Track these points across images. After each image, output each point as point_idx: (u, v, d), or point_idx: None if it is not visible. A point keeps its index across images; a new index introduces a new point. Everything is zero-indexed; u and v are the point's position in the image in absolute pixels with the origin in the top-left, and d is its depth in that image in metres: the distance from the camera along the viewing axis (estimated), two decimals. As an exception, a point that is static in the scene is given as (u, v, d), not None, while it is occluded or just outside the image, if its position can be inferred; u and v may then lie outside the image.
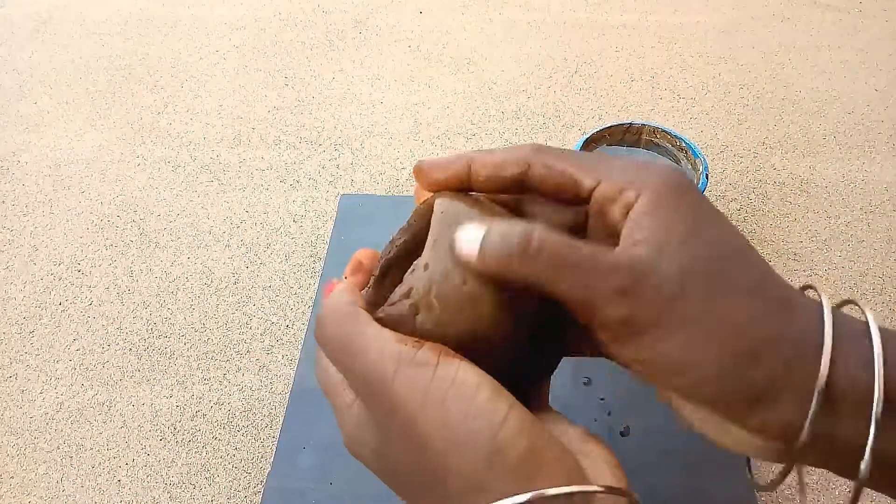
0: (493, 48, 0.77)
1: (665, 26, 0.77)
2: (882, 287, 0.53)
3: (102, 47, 0.80)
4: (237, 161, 0.65)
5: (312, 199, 0.61)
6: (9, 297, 0.55)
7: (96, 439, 0.46)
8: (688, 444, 0.42)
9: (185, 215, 0.60)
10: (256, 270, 0.56)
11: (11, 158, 0.67)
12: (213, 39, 0.80)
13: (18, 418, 0.48)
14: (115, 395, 0.49)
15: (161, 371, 0.50)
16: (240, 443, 0.46)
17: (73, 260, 0.57)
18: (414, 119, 0.69)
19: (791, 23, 0.79)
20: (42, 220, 0.61)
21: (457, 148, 0.65)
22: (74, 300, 0.54)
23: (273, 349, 0.50)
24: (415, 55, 0.77)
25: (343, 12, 0.84)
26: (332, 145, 0.66)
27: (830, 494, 0.42)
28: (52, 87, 0.75)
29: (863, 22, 0.78)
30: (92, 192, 0.63)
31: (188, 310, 0.53)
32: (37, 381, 0.50)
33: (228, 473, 0.44)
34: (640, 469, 0.41)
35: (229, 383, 0.49)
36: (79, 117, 0.71)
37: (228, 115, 0.70)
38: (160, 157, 0.66)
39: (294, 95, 0.72)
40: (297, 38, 0.80)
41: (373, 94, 0.72)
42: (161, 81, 0.75)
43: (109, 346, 0.51)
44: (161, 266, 0.56)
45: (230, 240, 0.58)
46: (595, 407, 0.44)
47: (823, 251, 0.55)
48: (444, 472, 0.21)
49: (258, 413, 0.47)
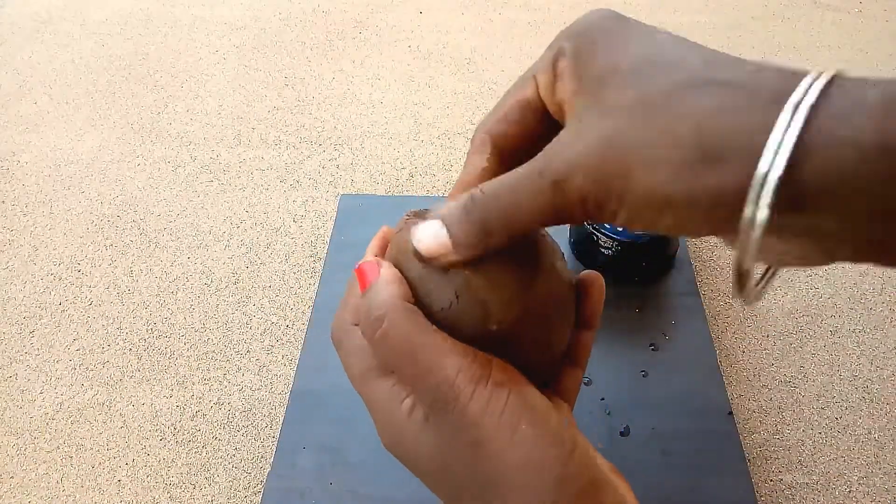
0: (493, 48, 0.77)
1: (665, 26, 0.76)
2: (882, 287, 0.53)
3: (102, 47, 0.80)
4: (237, 161, 0.65)
5: (312, 199, 0.61)
6: (9, 297, 0.55)
7: (96, 439, 0.46)
8: (688, 444, 0.42)
9: (185, 215, 0.60)
10: (256, 270, 0.56)
11: (11, 158, 0.67)
12: (213, 39, 0.80)
13: (18, 418, 0.48)
14: (115, 395, 0.49)
15: (161, 371, 0.50)
16: (240, 443, 0.46)
17: (73, 260, 0.57)
18: (414, 119, 0.69)
19: (791, 23, 0.79)
20: (42, 220, 0.61)
21: (457, 148, 0.65)
22: (74, 300, 0.54)
23: (273, 349, 0.50)
24: (415, 55, 0.77)
25: (343, 12, 0.84)
26: (332, 145, 0.66)
27: (830, 494, 0.42)
28: (52, 87, 0.75)
29: (863, 22, 0.78)
30: (92, 192, 0.63)
31: (188, 310, 0.53)
32: (37, 381, 0.50)
33: (228, 473, 0.44)
34: (640, 469, 0.41)
35: (229, 383, 0.49)
36: (79, 117, 0.71)
37: (228, 115, 0.70)
38: (160, 157, 0.66)
39: (294, 95, 0.72)
40: (297, 38, 0.80)
41: (373, 94, 0.72)
42: (161, 81, 0.75)
43: (109, 346, 0.51)
44: (161, 266, 0.56)
45: (230, 240, 0.58)
46: (595, 407, 0.44)
47: (823, 251, 0.55)
48: (512, 489, 0.22)
49: (258, 413, 0.47)
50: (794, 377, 0.48)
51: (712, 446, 0.42)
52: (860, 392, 0.47)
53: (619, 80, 0.20)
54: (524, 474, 0.22)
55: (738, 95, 0.18)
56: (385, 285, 0.24)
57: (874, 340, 0.50)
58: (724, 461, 0.41)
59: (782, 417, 0.46)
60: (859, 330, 0.50)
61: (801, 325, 0.51)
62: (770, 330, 0.50)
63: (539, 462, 0.22)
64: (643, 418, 0.44)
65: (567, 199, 0.20)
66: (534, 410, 0.22)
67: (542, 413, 0.23)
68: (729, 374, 0.48)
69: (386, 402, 0.24)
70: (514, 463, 0.22)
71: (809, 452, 0.44)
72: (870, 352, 0.49)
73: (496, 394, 0.22)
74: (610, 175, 0.19)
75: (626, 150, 0.19)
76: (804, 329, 0.51)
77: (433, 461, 0.24)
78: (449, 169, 0.63)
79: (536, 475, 0.21)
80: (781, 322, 0.51)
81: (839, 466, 0.43)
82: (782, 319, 0.51)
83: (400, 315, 0.23)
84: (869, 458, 0.44)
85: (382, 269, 0.24)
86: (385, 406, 0.25)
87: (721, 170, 0.17)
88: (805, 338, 0.50)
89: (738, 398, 0.47)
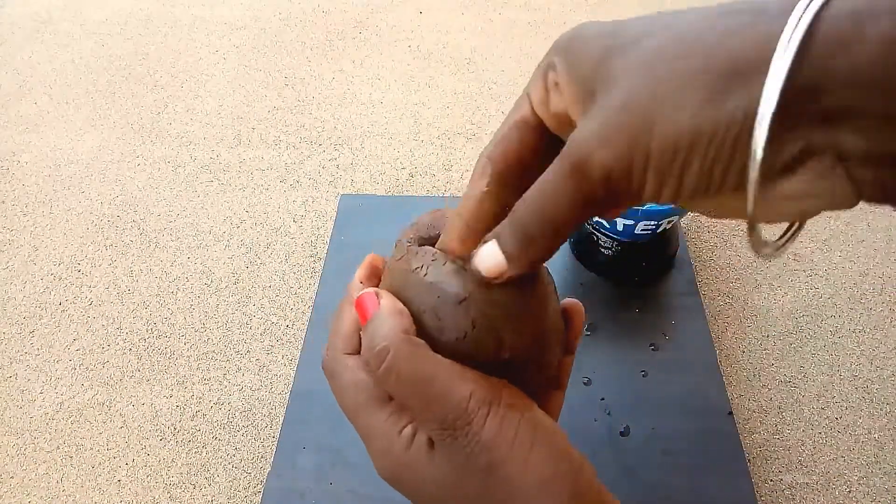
0: (493, 48, 0.77)
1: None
2: (882, 287, 0.53)
3: (102, 47, 0.80)
4: (237, 161, 0.65)
5: (312, 199, 0.61)
6: (9, 297, 0.55)
7: (96, 439, 0.46)
8: (688, 444, 0.42)
9: (185, 215, 0.60)
10: (256, 270, 0.56)
11: (11, 158, 0.67)
12: (213, 39, 0.80)
13: (18, 418, 0.48)
14: (115, 395, 0.49)
15: (161, 371, 0.50)
16: (240, 443, 0.46)
17: (73, 260, 0.57)
18: (414, 119, 0.69)
19: (791, 23, 0.79)
20: (42, 220, 0.61)
21: (457, 148, 0.65)
22: (74, 300, 0.54)
23: (273, 349, 0.50)
24: (415, 55, 0.77)
25: (343, 13, 0.84)
26: (332, 145, 0.66)
27: (830, 494, 0.42)
28: (52, 87, 0.75)
29: (863, 22, 0.78)
30: (92, 192, 0.63)
31: (188, 310, 0.53)
32: (37, 381, 0.50)
33: (228, 473, 0.44)
34: (641, 469, 0.41)
35: (229, 383, 0.49)
36: (79, 117, 0.71)
37: (228, 115, 0.70)
38: (160, 157, 0.66)
39: (294, 95, 0.72)
40: (297, 38, 0.80)
41: (373, 94, 0.72)
42: (161, 81, 0.75)
43: (109, 346, 0.51)
44: (161, 266, 0.56)
45: (230, 240, 0.58)
46: (595, 407, 0.44)
47: (823, 251, 0.55)
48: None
49: (258, 413, 0.47)
50: (794, 377, 0.48)
51: (712, 446, 0.42)
52: (860, 392, 0.47)
53: (618, 53, 0.19)
54: (540, 493, 0.22)
55: (745, 16, 0.17)
56: (387, 317, 0.24)
57: (874, 340, 0.50)
58: (724, 461, 0.41)
59: (782, 417, 0.46)
60: (859, 330, 0.50)
61: (801, 325, 0.51)
62: (770, 330, 0.50)
63: (553, 480, 0.22)
64: (643, 418, 0.44)
65: (591, 179, 0.19)
66: (545, 430, 0.23)
67: (552, 432, 0.23)
68: (729, 374, 0.48)
69: (383, 432, 0.24)
70: (531, 483, 0.22)
71: (809, 452, 0.44)
72: (870, 352, 0.49)
73: (508, 416, 0.23)
74: (630, 138, 0.18)
75: (642, 106, 0.18)
76: (804, 329, 0.51)
77: (443, 488, 0.24)
78: (449, 169, 0.63)
79: (552, 493, 0.22)
80: (781, 322, 0.51)
81: (839, 466, 0.43)
82: (782, 319, 0.51)
83: (405, 347, 0.23)
84: (869, 458, 0.44)
85: (382, 301, 0.24)
86: (382, 436, 0.24)
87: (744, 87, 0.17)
88: (805, 338, 0.50)
89: (738, 398, 0.47)
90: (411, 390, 0.23)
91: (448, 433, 0.23)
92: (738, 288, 0.53)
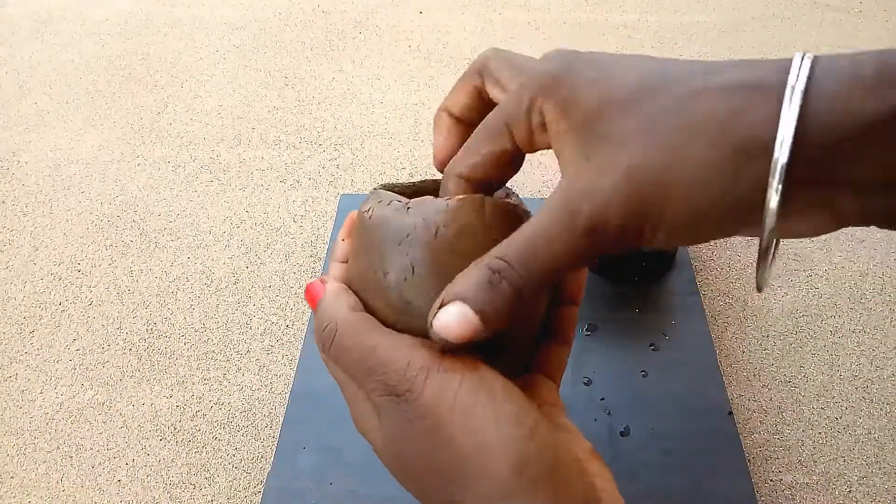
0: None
1: (665, 26, 0.77)
2: (882, 287, 0.53)
3: (102, 47, 0.80)
4: (237, 161, 0.65)
5: (312, 199, 0.61)
6: (9, 297, 0.55)
7: (96, 439, 0.46)
8: (688, 445, 0.42)
9: (185, 215, 0.60)
10: (256, 270, 0.56)
11: (11, 158, 0.67)
12: (213, 39, 0.80)
13: (18, 418, 0.48)
14: (115, 395, 0.49)
15: (161, 371, 0.50)
16: (240, 443, 0.46)
17: (73, 260, 0.57)
18: (414, 119, 0.69)
19: (791, 23, 0.79)
20: (42, 220, 0.61)
21: (457, 148, 0.65)
22: (74, 300, 0.54)
23: (273, 349, 0.50)
24: (415, 55, 0.77)
25: (343, 12, 0.84)
26: (332, 145, 0.66)
27: (830, 494, 0.42)
28: (52, 87, 0.75)
29: (863, 22, 0.78)
30: (92, 192, 0.63)
31: (188, 310, 0.53)
32: (37, 381, 0.50)
33: (228, 473, 0.44)
34: (640, 469, 0.41)
35: (229, 383, 0.49)
36: (79, 117, 0.71)
37: (228, 115, 0.70)
38: (160, 157, 0.66)
39: (294, 95, 0.72)
40: (297, 38, 0.80)
41: (373, 94, 0.72)
42: (161, 81, 0.75)
43: (109, 346, 0.51)
44: (161, 266, 0.56)
45: (230, 240, 0.58)
46: (595, 407, 0.44)
47: (823, 251, 0.55)
48: (468, 476, 0.21)
49: (258, 413, 0.47)
50: (794, 377, 0.48)
51: (712, 446, 0.42)
52: (860, 392, 0.47)
53: (617, 109, 0.20)
54: (480, 459, 0.21)
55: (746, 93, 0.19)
56: (332, 299, 0.25)
57: (874, 340, 0.50)
58: (724, 461, 0.41)
59: (782, 417, 0.46)
60: (859, 330, 0.50)
61: (801, 325, 0.51)
62: (770, 330, 0.50)
63: (494, 445, 0.21)
64: (643, 418, 0.43)
65: (605, 238, 0.21)
66: (490, 392, 0.22)
67: (501, 394, 0.22)
68: (729, 374, 0.48)
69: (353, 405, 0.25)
70: (470, 448, 0.21)
71: (809, 452, 0.44)
72: (870, 352, 0.49)
73: (448, 379, 0.22)
74: (646, 204, 0.20)
75: (657, 175, 0.19)
76: (804, 329, 0.51)
77: (394, 459, 0.24)
78: (449, 169, 0.63)
79: (492, 459, 0.21)
80: (781, 322, 0.51)
81: (839, 466, 0.43)
82: (782, 319, 0.51)
83: (349, 322, 0.24)
84: (869, 458, 0.44)
85: (328, 285, 0.26)
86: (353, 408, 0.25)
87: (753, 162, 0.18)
88: (805, 338, 0.50)
89: (738, 398, 0.47)
90: (357, 362, 0.23)
91: (391, 400, 0.23)
92: (738, 288, 0.53)
